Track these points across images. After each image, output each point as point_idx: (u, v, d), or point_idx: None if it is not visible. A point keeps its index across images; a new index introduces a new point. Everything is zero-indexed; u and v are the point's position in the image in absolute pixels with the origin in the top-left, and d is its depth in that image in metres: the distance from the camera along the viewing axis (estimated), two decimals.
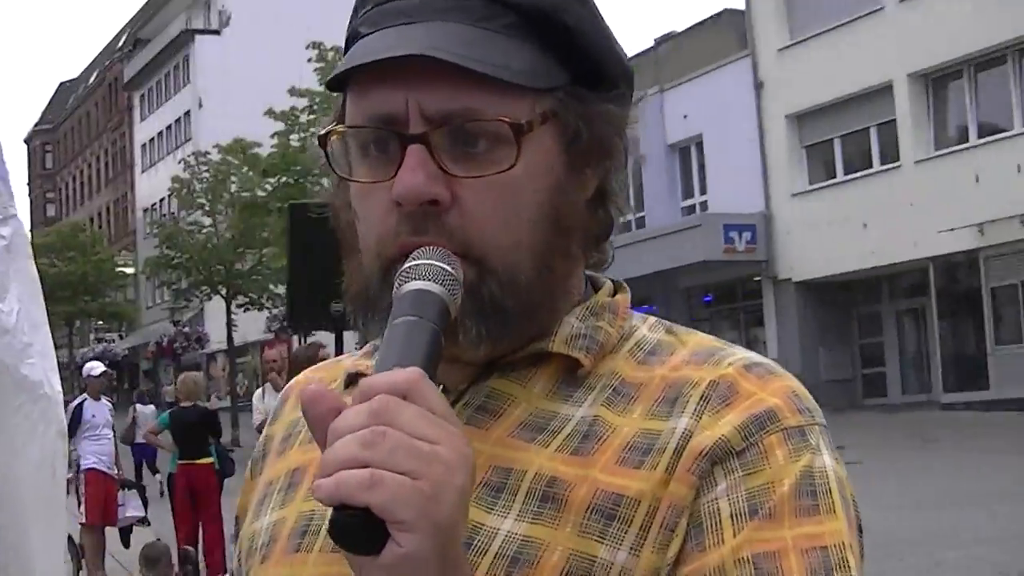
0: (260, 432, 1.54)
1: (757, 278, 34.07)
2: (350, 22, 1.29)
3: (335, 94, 1.29)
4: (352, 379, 1.36)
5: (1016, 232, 26.85)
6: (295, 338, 37.72)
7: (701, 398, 1.20)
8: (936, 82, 30.33)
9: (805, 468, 1.16)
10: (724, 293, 35.26)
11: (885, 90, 30.64)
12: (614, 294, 1.34)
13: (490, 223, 1.19)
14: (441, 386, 1.12)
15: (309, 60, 34.61)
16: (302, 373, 1.51)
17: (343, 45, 1.31)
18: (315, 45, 34.52)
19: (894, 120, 30.76)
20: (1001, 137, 28.52)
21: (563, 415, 1.22)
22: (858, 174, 31.96)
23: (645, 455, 1.18)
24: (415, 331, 1.09)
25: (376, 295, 1.22)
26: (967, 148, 29.24)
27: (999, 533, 13.19)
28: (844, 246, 30.78)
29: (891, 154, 31.08)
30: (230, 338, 43.56)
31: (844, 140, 32.62)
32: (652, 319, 1.33)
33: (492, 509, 1.17)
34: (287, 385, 1.51)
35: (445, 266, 1.14)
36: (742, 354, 1.25)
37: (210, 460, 13.57)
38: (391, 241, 1.20)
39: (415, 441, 0.98)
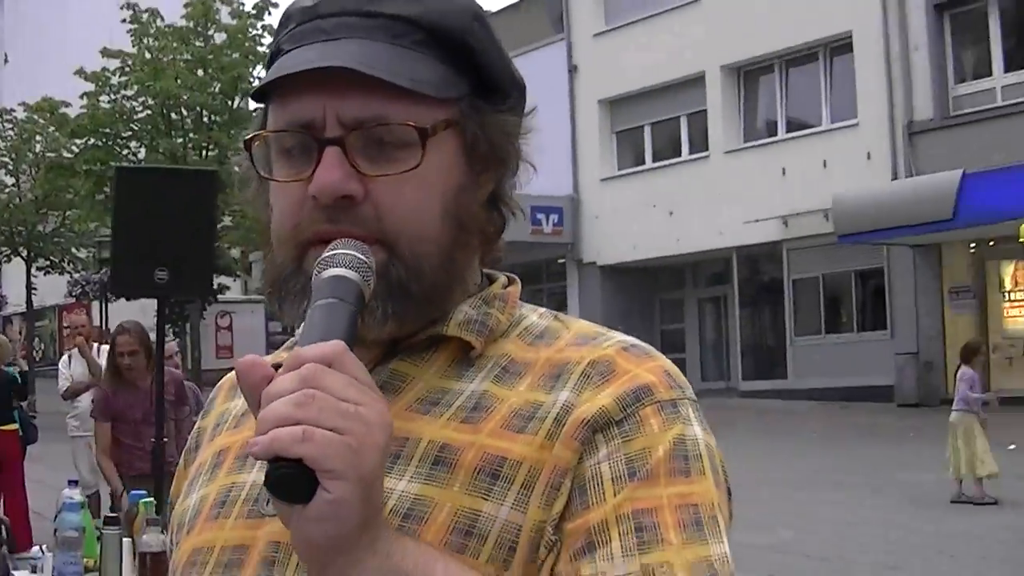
0: (66, 398, 1.46)
1: (562, 260, 34.29)
2: (274, 40, 1.45)
3: (256, 106, 1.47)
4: (274, 368, 1.38)
5: (819, 226, 27.49)
6: (96, 303, 36.88)
7: (581, 375, 1.33)
8: (748, 75, 30.92)
9: (678, 436, 1.29)
10: (529, 274, 35.27)
11: (697, 80, 31.10)
12: (507, 287, 1.48)
13: (400, 214, 1.33)
14: None
15: (123, 21, 33.49)
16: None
17: (267, 59, 1.47)
18: (129, 5, 33.40)
19: (705, 110, 31.24)
20: (809, 132, 29.22)
21: (455, 390, 1.36)
22: (667, 162, 32.39)
23: (528, 422, 1.31)
24: (335, 311, 1.22)
25: (289, 279, 1.37)
26: (775, 141, 29.88)
27: (801, 519, 13.41)
28: (650, 232, 31.16)
29: (700, 144, 31.59)
30: (29, 301, 42.22)
31: (655, 128, 33.02)
32: (542, 309, 1.47)
33: (389, 473, 1.25)
34: (219, 383, 1.62)
35: (360, 255, 1.28)
36: (620, 337, 1.39)
37: (14, 427, 12.92)
38: (307, 228, 1.34)
39: (341, 402, 1.11)
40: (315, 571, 1.19)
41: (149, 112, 33.43)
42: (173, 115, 33.34)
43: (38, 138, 39.11)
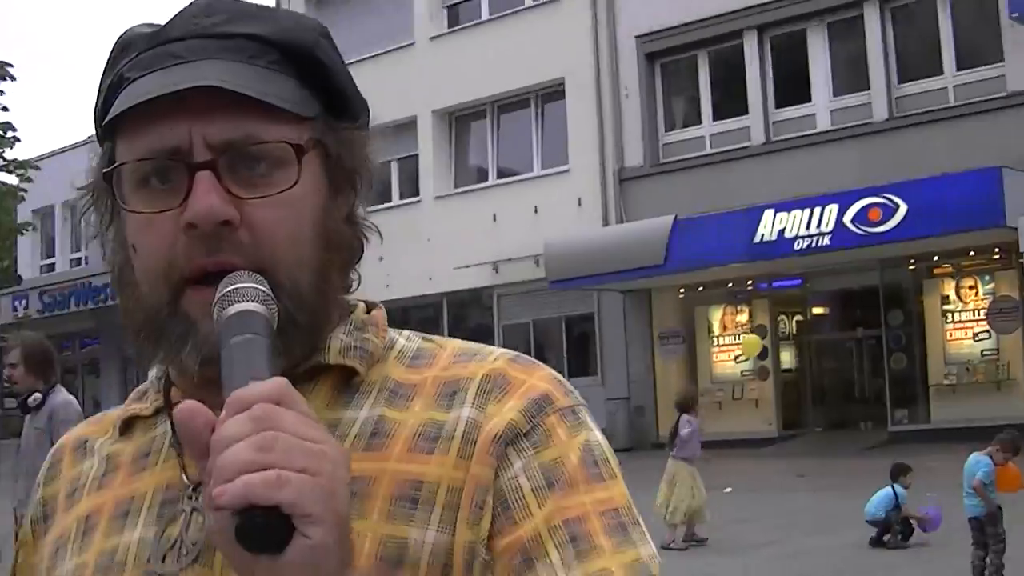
0: None
1: None
2: (110, 70, 1.34)
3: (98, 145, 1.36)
4: (127, 424, 1.42)
5: (530, 272, 27.61)
6: None
7: (478, 390, 1.30)
8: (459, 120, 30.91)
9: (584, 442, 1.29)
10: None
11: (410, 125, 30.88)
12: (368, 312, 1.44)
13: (278, 239, 1.26)
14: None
15: None
16: (69, 433, 1.53)
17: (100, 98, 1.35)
18: None
19: (416, 155, 31.03)
20: (520, 179, 29.35)
21: (347, 419, 1.31)
22: (378, 207, 31.62)
23: (434, 442, 1.27)
24: (254, 347, 1.14)
25: (167, 322, 1.27)
26: (486, 187, 29.95)
27: None
28: (359, 278, 30.58)
29: (411, 189, 31.33)
30: None
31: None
32: (407, 331, 1.44)
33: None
34: (54, 447, 1.52)
35: (260, 286, 1.20)
36: (501, 351, 1.37)
37: None
38: (183, 264, 1.24)
39: (304, 442, 1.04)
40: None
41: None
42: None
43: None
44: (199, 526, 1.27)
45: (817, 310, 27.37)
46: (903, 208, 20.91)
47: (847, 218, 21.66)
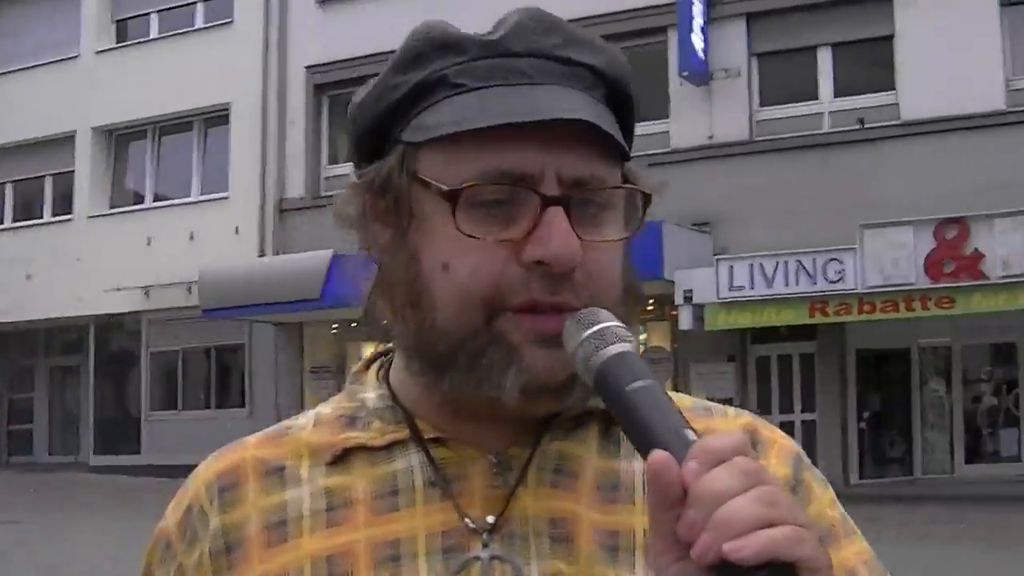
0: None
1: None
2: (419, 67, 1.24)
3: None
4: (345, 454, 1.29)
5: (183, 298, 27.01)
6: None
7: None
8: (120, 139, 30.01)
9: (832, 498, 1.37)
10: None
11: (68, 140, 29.80)
12: None
13: (604, 283, 1.23)
14: (496, 452, 1.25)
15: None
16: (233, 453, 1.33)
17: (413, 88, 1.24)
18: None
19: (72, 172, 29.94)
20: (178, 203, 28.68)
21: (624, 469, 1.28)
22: (28, 222, 30.79)
23: None
24: (660, 394, 1.10)
25: (484, 345, 1.20)
26: (142, 209, 29.13)
27: None
28: (5, 295, 29.40)
29: (65, 206, 30.19)
30: None
31: (17, 186, 31.36)
32: None
33: (617, 565, 1.23)
34: (217, 469, 1.32)
35: (626, 329, 1.16)
36: (729, 408, 1.40)
37: None
38: (514, 294, 1.19)
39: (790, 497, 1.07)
40: None
41: None
42: None
43: None
44: (500, 574, 1.21)
45: None
46: None
47: None
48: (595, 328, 1.15)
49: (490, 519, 1.22)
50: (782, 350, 22.89)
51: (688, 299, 21.03)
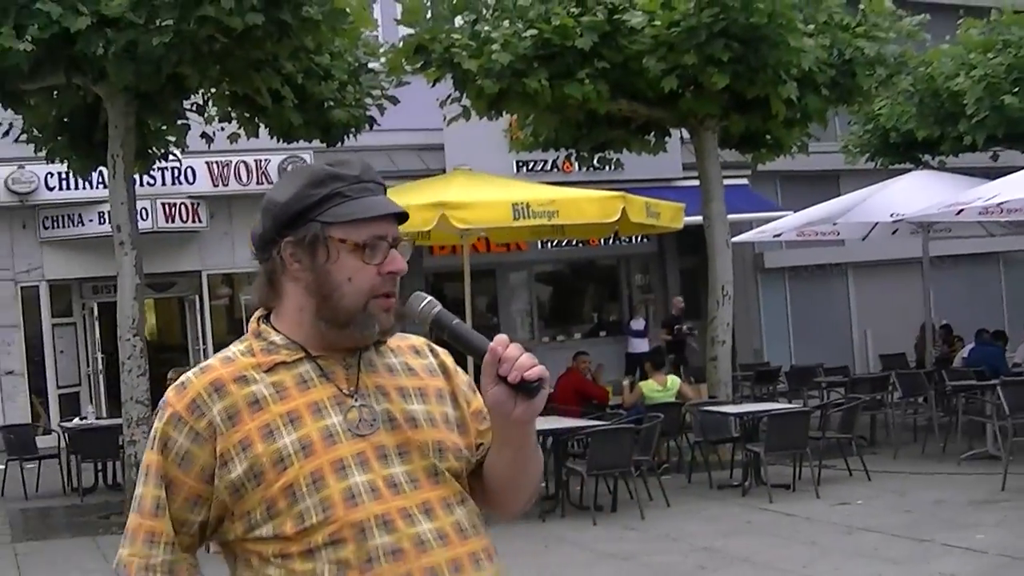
0: None
1: None
2: (321, 186, 2.56)
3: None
4: (274, 366, 2.57)
5: None
6: None
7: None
8: None
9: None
10: None
11: None
12: None
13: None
14: (344, 359, 2.62)
15: None
16: (209, 373, 2.58)
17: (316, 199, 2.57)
18: None
19: None
20: None
21: (400, 363, 2.71)
22: None
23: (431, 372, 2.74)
24: (464, 325, 2.60)
25: (358, 314, 2.56)
26: None
27: None
28: None
29: None
30: None
31: None
32: None
33: (408, 400, 2.65)
34: (203, 381, 2.56)
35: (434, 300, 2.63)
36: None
37: None
38: (379, 289, 2.56)
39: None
40: (527, 429, 2.59)
41: None
42: None
43: None
44: (364, 412, 2.54)
45: None
46: None
47: None
48: (428, 299, 2.59)
49: (351, 389, 2.56)
50: None
51: None
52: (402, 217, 2.58)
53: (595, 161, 19.33)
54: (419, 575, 2.42)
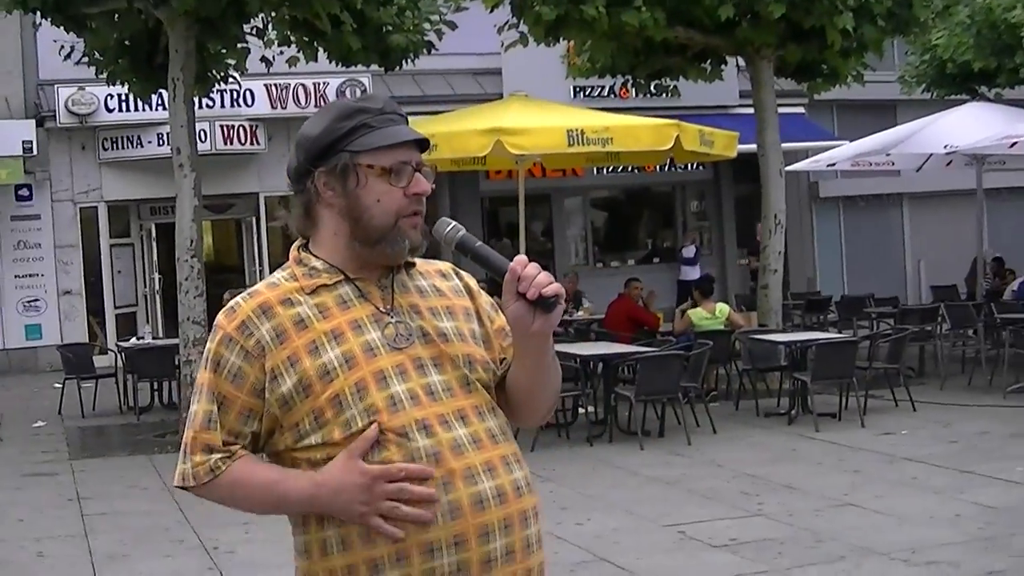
0: None
1: None
2: (348, 118, 2.77)
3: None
4: (316, 288, 2.78)
5: None
6: None
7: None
8: None
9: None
10: None
11: None
12: None
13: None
14: (379, 280, 2.84)
15: None
16: (257, 297, 2.79)
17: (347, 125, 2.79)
18: None
19: None
20: None
21: (430, 284, 2.92)
22: None
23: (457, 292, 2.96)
24: (489, 247, 2.82)
25: (389, 231, 2.75)
26: None
27: None
28: None
29: None
30: None
31: None
32: None
33: (438, 318, 2.86)
34: (252, 303, 2.78)
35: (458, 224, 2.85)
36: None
37: None
38: (406, 209, 2.75)
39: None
40: (545, 341, 2.78)
41: None
42: None
43: None
44: (400, 328, 2.74)
45: None
46: None
47: None
48: (452, 224, 2.77)
49: (387, 307, 2.77)
50: None
51: None
52: (423, 144, 2.79)
53: (652, 88, 19.37)
54: (457, 475, 2.63)
